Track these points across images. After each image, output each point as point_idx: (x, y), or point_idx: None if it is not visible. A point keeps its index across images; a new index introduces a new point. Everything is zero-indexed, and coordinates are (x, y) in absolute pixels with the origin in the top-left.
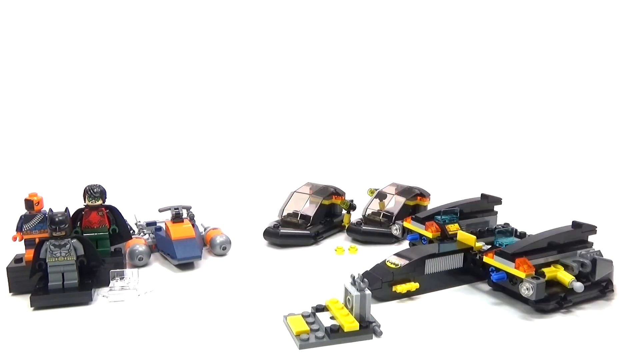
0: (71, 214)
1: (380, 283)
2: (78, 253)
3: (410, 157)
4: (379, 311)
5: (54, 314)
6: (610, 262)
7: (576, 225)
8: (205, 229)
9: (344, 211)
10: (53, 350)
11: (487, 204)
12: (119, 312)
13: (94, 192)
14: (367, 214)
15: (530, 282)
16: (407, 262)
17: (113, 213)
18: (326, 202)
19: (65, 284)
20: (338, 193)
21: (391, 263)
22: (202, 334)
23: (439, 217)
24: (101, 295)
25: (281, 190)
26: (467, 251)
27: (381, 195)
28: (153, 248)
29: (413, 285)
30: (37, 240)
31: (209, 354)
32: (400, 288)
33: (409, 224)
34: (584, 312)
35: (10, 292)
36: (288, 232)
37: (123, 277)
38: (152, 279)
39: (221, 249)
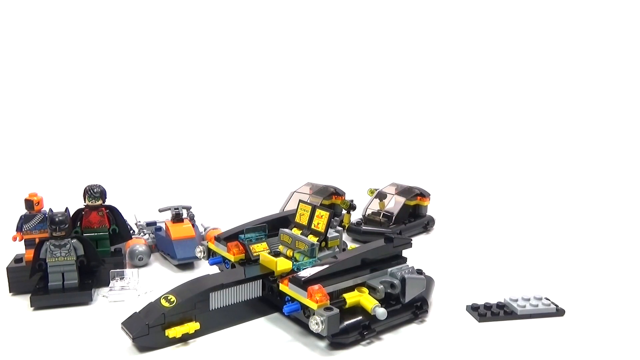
0: (71, 214)
1: (147, 328)
2: (78, 253)
3: (410, 157)
4: None
5: (54, 314)
6: (423, 279)
7: (388, 239)
8: (205, 229)
9: (344, 211)
10: (53, 350)
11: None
12: (119, 312)
13: (94, 192)
14: (367, 214)
15: (321, 315)
16: (184, 298)
17: (113, 213)
18: (326, 202)
19: (65, 284)
20: (338, 193)
21: (166, 300)
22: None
23: (242, 236)
24: (101, 295)
25: (281, 190)
26: (266, 277)
27: (381, 195)
28: (153, 248)
29: (192, 327)
30: (37, 240)
31: (208, 354)
32: (175, 332)
33: (212, 244)
34: (391, 339)
35: (10, 292)
36: None
37: (123, 277)
38: (152, 279)
39: None
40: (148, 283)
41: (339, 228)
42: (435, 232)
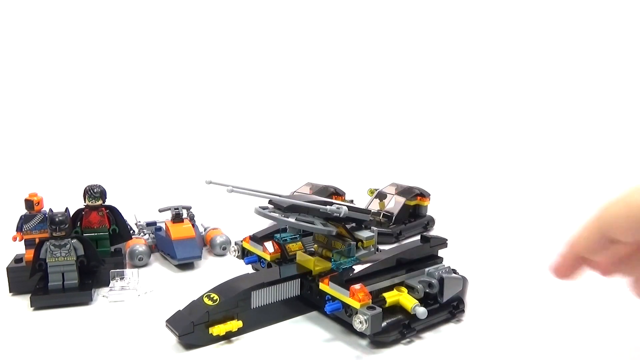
0: (71, 214)
1: (192, 326)
2: (78, 253)
3: (410, 157)
4: None
5: (54, 314)
6: (460, 279)
7: (424, 239)
8: (205, 229)
9: None
10: (53, 350)
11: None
12: (119, 312)
13: (94, 192)
14: None
15: (365, 314)
16: (227, 297)
17: (113, 213)
18: None
19: (65, 284)
20: (338, 193)
21: (209, 299)
22: None
23: (278, 235)
24: (101, 295)
25: (281, 190)
26: (304, 276)
27: (381, 195)
28: (153, 248)
29: (234, 325)
30: (37, 240)
31: (208, 354)
32: (218, 329)
33: (247, 244)
34: (430, 338)
35: (10, 292)
36: None
37: (123, 277)
38: (152, 279)
39: (221, 249)
40: (148, 283)
41: (374, 228)
42: (435, 232)
